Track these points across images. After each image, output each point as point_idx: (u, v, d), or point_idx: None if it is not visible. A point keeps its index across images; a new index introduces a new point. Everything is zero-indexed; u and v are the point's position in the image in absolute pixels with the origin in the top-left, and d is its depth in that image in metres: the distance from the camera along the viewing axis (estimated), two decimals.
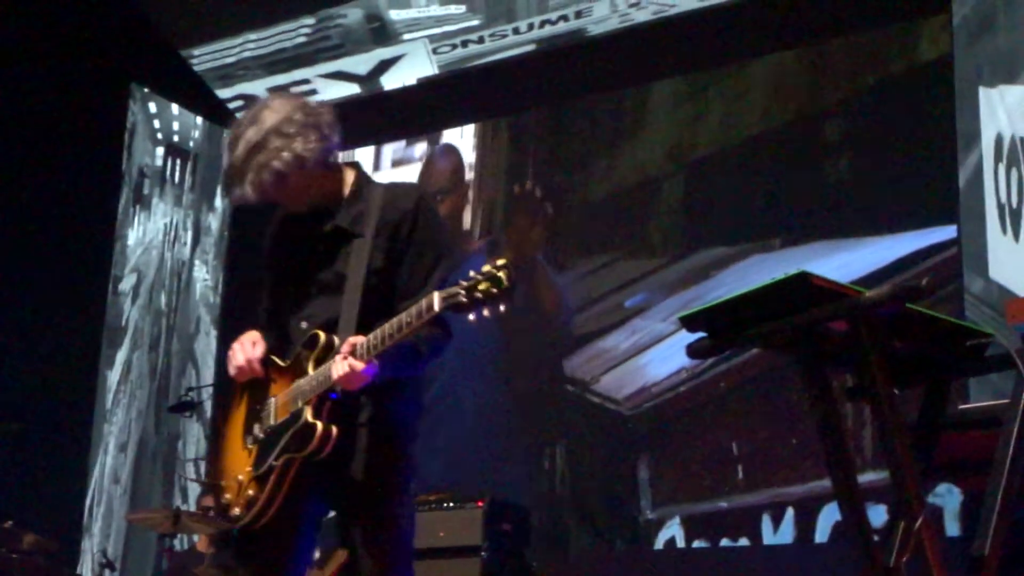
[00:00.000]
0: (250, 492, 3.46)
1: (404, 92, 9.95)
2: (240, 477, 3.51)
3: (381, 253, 3.51)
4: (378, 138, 10.09)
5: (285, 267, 3.67)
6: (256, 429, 3.55)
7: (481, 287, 3.15)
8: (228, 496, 3.53)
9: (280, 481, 3.42)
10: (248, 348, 3.57)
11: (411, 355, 3.45)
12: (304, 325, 3.56)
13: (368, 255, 3.50)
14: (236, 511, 3.48)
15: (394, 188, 3.65)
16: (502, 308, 3.19)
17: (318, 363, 3.44)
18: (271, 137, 3.40)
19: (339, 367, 3.33)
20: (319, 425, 3.37)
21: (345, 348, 3.35)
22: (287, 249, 3.68)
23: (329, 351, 3.43)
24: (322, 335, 3.47)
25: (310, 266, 3.60)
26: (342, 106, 3.70)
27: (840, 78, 8.33)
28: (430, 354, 3.49)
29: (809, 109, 8.39)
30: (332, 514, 3.60)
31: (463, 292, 3.16)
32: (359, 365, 3.32)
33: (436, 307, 3.19)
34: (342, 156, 3.65)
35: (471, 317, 3.21)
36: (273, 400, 3.53)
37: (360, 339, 3.35)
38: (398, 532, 3.49)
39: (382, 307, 3.46)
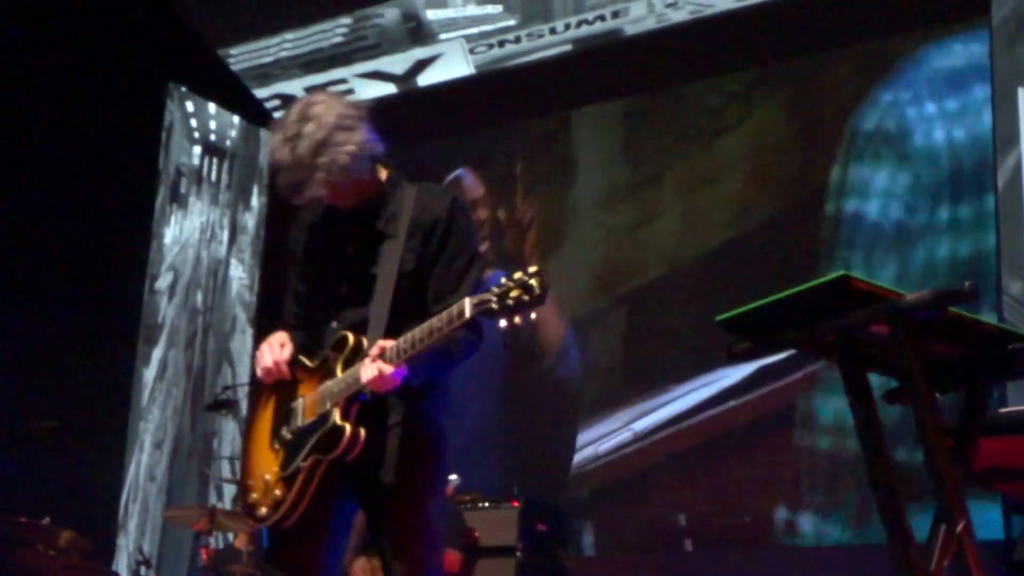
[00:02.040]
0: (277, 493, 3.46)
1: (440, 92, 9.95)
2: (267, 477, 3.50)
3: (413, 256, 3.49)
4: (414, 138, 10.10)
5: (317, 268, 3.65)
6: (284, 430, 3.53)
7: (512, 294, 3.13)
8: (255, 495, 3.53)
9: (307, 482, 3.41)
10: (276, 350, 3.57)
11: (443, 357, 3.44)
12: (335, 325, 3.55)
13: (399, 258, 3.49)
14: (263, 511, 3.48)
15: (427, 190, 3.63)
16: (532, 316, 3.17)
17: (347, 365, 3.43)
18: (336, 132, 3.38)
19: (368, 370, 3.32)
20: (347, 427, 3.36)
21: (374, 351, 3.33)
22: (318, 250, 3.65)
23: (358, 353, 3.42)
24: (351, 336, 3.45)
25: (342, 268, 3.59)
26: (378, 106, 3.68)
27: None
28: (462, 356, 3.48)
29: None
30: None
31: (495, 299, 3.14)
32: (388, 368, 3.30)
33: (468, 313, 3.17)
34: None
35: (502, 323, 3.19)
36: (301, 401, 3.52)
37: (389, 343, 3.34)
38: (430, 536, 3.47)
39: (412, 310, 3.45)
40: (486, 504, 7.09)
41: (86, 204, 9.22)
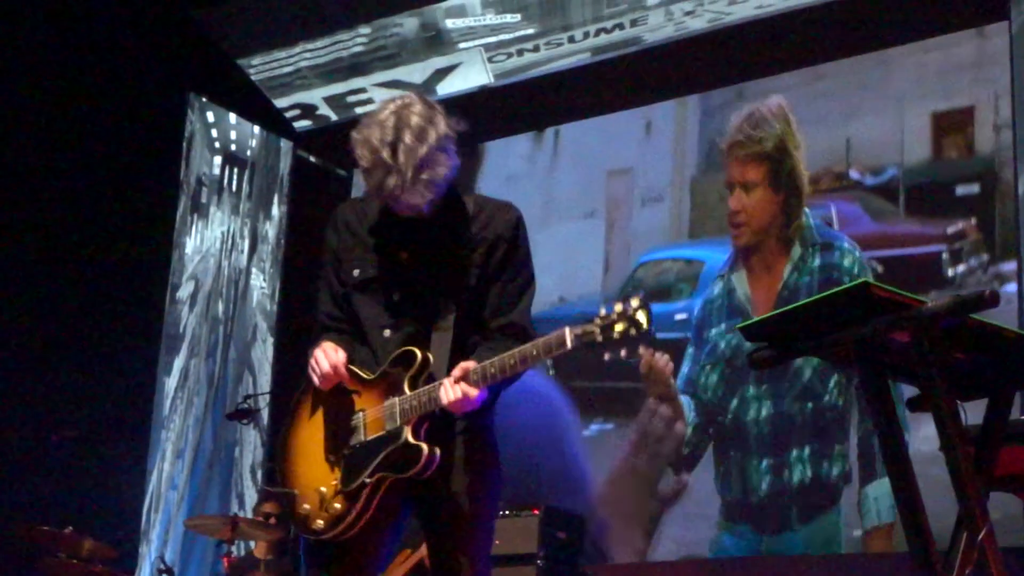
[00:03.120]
0: (336, 506, 3.41)
1: (459, 101, 9.96)
2: (323, 489, 3.45)
3: (476, 270, 3.47)
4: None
5: (362, 271, 3.57)
6: (341, 443, 3.48)
7: (618, 327, 3.08)
8: (307, 507, 3.48)
9: (371, 498, 3.38)
10: (332, 355, 3.49)
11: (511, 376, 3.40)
12: (387, 334, 3.49)
13: (464, 271, 3.46)
14: (319, 524, 3.44)
15: (491, 204, 3.59)
16: (641, 351, 3.11)
17: (413, 381, 3.39)
18: (438, 155, 3.34)
19: (451, 392, 3.29)
20: (424, 448, 3.33)
21: (457, 373, 3.30)
22: (366, 253, 3.59)
23: (424, 369, 3.39)
24: (418, 352, 3.40)
25: (395, 274, 3.53)
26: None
27: None
28: (523, 372, 3.43)
29: None
30: None
31: (598, 331, 3.10)
32: (473, 392, 3.28)
33: (568, 345, 3.14)
34: None
35: (607, 356, 3.16)
36: (361, 415, 3.46)
37: (472, 364, 3.31)
38: (487, 544, 3.49)
39: (474, 324, 3.45)
40: (506, 512, 7.09)
41: (108, 214, 9.27)
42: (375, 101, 9.89)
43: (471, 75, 9.79)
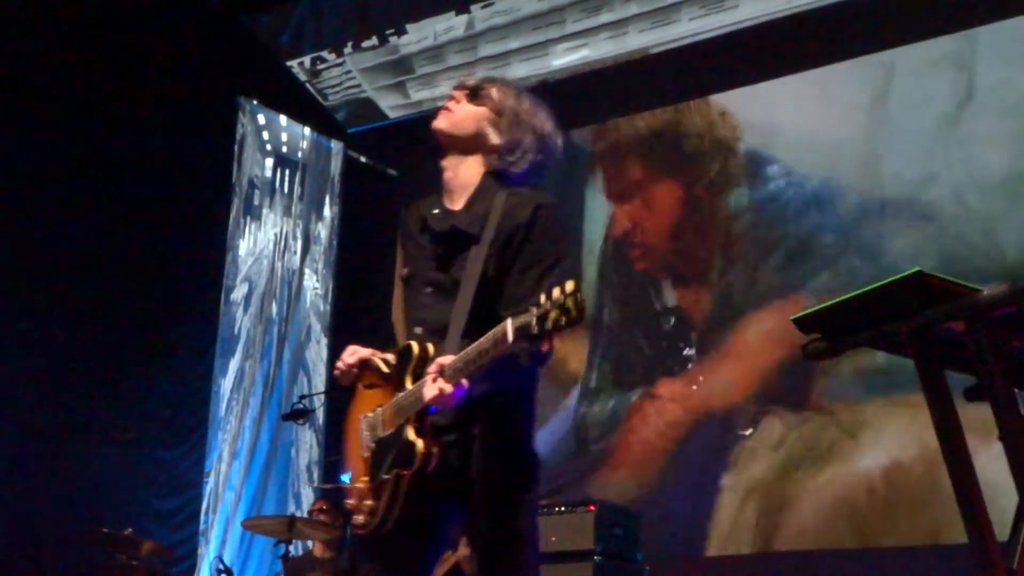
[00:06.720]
0: (368, 502, 3.45)
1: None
2: (359, 485, 3.51)
3: (494, 262, 3.46)
4: None
5: (408, 269, 3.65)
6: (368, 438, 3.54)
7: (552, 316, 3.00)
8: (352, 502, 3.53)
9: (394, 494, 3.40)
10: (345, 356, 3.62)
11: (509, 365, 3.35)
12: (419, 331, 3.52)
13: (483, 263, 3.46)
14: (359, 518, 3.49)
15: (516, 195, 3.58)
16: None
17: (415, 376, 3.41)
18: (478, 111, 3.63)
19: (429, 389, 3.30)
20: (419, 443, 3.34)
21: (433, 369, 3.31)
22: (412, 251, 3.67)
23: (424, 363, 3.40)
24: (415, 347, 3.44)
25: (425, 266, 3.58)
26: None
27: None
28: (532, 362, 3.41)
29: None
30: None
31: (535, 321, 3.04)
32: (447, 388, 3.27)
33: (510, 337, 3.09)
34: None
35: (545, 348, 3.17)
36: (380, 411, 3.51)
37: (448, 359, 3.30)
38: (521, 540, 3.44)
39: (491, 316, 3.37)
40: (562, 508, 7.08)
41: (161, 218, 9.34)
42: (423, 101, 9.94)
43: (519, 72, 9.78)
